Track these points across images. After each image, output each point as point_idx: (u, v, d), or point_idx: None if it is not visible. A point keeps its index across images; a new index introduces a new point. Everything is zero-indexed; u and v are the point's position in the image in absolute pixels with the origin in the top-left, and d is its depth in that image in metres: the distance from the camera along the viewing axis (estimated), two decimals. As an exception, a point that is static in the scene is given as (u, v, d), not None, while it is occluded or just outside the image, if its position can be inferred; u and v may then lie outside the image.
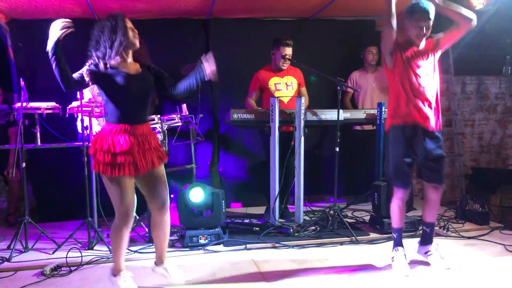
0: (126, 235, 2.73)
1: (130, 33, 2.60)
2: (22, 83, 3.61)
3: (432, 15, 2.94)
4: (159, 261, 2.95)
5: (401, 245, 3.18)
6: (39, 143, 3.82)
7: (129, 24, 2.62)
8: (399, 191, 3.09)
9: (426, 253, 3.24)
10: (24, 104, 3.60)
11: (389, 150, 3.11)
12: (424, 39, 3.04)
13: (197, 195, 3.80)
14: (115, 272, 2.79)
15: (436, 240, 3.36)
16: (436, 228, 4.07)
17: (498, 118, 6.05)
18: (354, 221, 4.49)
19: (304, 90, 4.65)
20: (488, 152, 6.03)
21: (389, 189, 3.08)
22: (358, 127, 5.22)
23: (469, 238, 3.87)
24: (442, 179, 3.12)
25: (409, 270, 3.06)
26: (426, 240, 3.26)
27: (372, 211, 4.29)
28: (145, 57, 2.77)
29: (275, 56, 4.46)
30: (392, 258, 3.16)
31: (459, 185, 5.64)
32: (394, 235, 3.19)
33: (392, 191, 3.14)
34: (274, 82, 4.48)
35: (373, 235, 3.96)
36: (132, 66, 2.70)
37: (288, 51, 4.40)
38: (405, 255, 3.15)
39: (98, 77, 2.58)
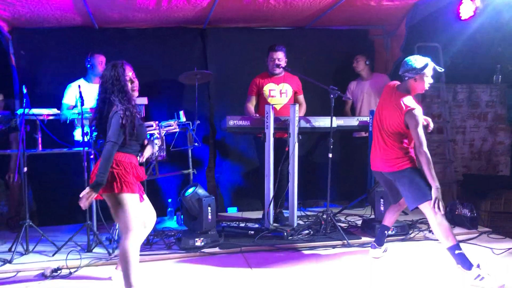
0: None
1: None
2: (24, 89, 3.70)
3: None
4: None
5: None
6: (40, 149, 3.91)
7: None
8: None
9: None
10: (27, 110, 3.71)
11: (422, 179, 3.15)
12: None
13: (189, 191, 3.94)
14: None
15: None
16: (426, 232, 4.20)
17: (488, 125, 6.19)
18: (347, 225, 4.59)
19: (301, 97, 4.76)
20: (479, 158, 6.16)
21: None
22: (357, 134, 5.24)
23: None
24: None
25: None
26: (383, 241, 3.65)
27: (375, 216, 4.33)
28: None
29: (268, 62, 4.59)
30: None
31: (450, 191, 5.75)
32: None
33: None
34: (269, 88, 4.59)
35: (364, 239, 4.06)
36: None
37: (277, 55, 4.50)
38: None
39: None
